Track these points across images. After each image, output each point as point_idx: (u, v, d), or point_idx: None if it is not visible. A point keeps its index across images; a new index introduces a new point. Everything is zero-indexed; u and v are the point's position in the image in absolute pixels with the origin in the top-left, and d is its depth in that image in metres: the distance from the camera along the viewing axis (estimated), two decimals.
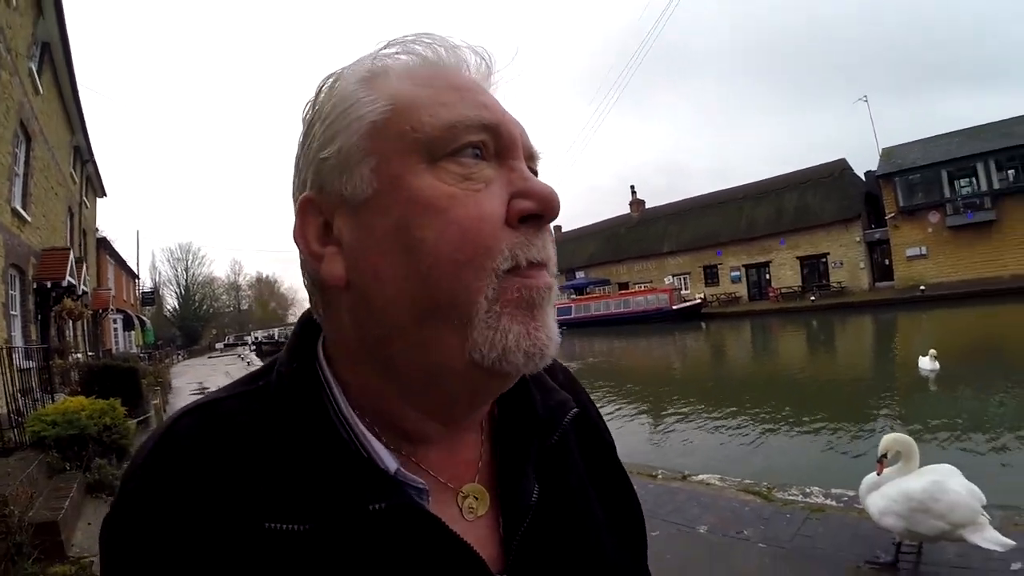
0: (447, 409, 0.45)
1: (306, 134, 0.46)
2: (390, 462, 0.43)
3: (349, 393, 0.45)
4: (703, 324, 26.96)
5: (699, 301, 30.64)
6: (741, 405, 8.65)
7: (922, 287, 24.54)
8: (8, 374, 6.16)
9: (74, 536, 3.73)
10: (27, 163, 10.36)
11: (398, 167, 0.41)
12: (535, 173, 0.47)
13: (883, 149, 29.68)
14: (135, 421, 6.99)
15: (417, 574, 0.41)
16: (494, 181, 0.42)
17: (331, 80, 0.46)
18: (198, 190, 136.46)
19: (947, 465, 2.87)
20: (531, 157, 0.47)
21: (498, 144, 0.43)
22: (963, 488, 2.65)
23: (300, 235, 0.44)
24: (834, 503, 3.70)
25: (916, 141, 28.82)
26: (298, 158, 0.47)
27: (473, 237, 0.40)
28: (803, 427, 7.04)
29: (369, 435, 0.43)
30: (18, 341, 8.94)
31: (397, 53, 0.45)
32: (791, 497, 3.87)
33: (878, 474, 2.93)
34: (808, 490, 3.95)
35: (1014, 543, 2.50)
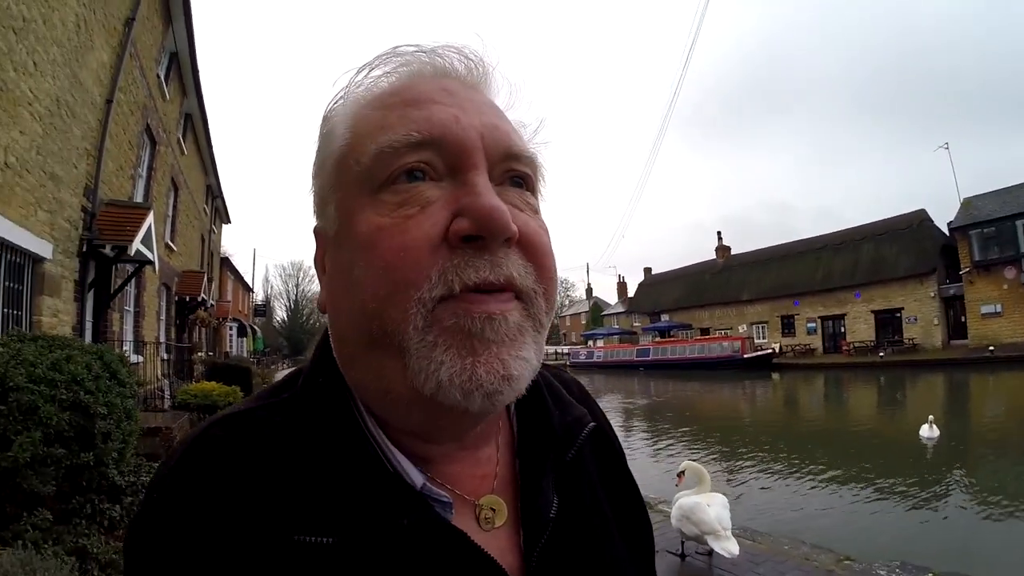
0: (423, 432, 0.44)
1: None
2: (416, 477, 0.43)
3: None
4: (774, 374, 26.43)
5: (770, 351, 30.28)
6: (745, 450, 9.54)
7: (991, 347, 23.07)
8: (155, 362, 9.04)
9: None
10: (174, 207, 13.70)
11: (351, 203, 0.41)
12: (522, 175, 0.44)
13: (963, 199, 27.96)
14: None
15: None
16: (436, 201, 0.39)
17: (326, 113, 0.46)
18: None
19: (720, 496, 3.99)
20: (511, 158, 0.43)
21: (447, 158, 0.40)
22: (713, 512, 3.74)
23: (315, 261, 0.48)
24: None
25: (996, 191, 26.99)
26: None
27: (394, 270, 0.37)
28: (791, 476, 7.75)
29: (395, 449, 0.43)
30: (162, 340, 12.06)
31: (378, 74, 0.44)
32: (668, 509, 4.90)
33: (676, 486, 4.24)
34: None
35: (737, 551, 3.60)
